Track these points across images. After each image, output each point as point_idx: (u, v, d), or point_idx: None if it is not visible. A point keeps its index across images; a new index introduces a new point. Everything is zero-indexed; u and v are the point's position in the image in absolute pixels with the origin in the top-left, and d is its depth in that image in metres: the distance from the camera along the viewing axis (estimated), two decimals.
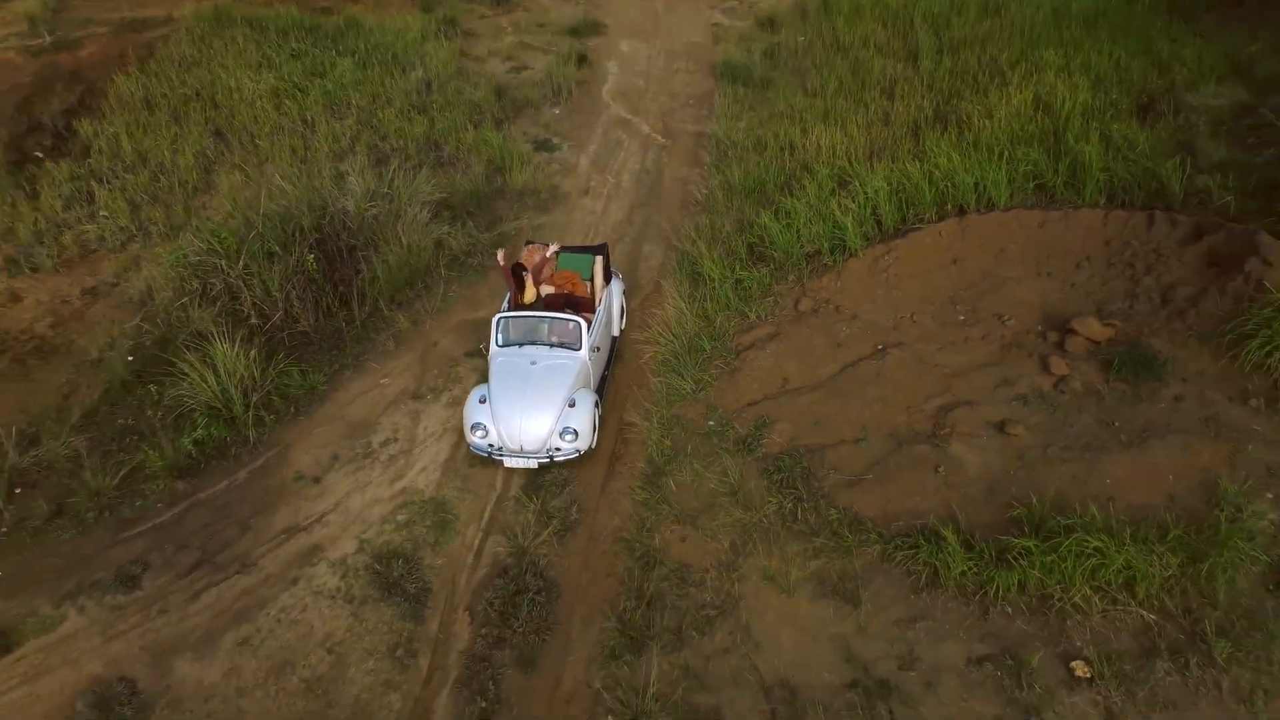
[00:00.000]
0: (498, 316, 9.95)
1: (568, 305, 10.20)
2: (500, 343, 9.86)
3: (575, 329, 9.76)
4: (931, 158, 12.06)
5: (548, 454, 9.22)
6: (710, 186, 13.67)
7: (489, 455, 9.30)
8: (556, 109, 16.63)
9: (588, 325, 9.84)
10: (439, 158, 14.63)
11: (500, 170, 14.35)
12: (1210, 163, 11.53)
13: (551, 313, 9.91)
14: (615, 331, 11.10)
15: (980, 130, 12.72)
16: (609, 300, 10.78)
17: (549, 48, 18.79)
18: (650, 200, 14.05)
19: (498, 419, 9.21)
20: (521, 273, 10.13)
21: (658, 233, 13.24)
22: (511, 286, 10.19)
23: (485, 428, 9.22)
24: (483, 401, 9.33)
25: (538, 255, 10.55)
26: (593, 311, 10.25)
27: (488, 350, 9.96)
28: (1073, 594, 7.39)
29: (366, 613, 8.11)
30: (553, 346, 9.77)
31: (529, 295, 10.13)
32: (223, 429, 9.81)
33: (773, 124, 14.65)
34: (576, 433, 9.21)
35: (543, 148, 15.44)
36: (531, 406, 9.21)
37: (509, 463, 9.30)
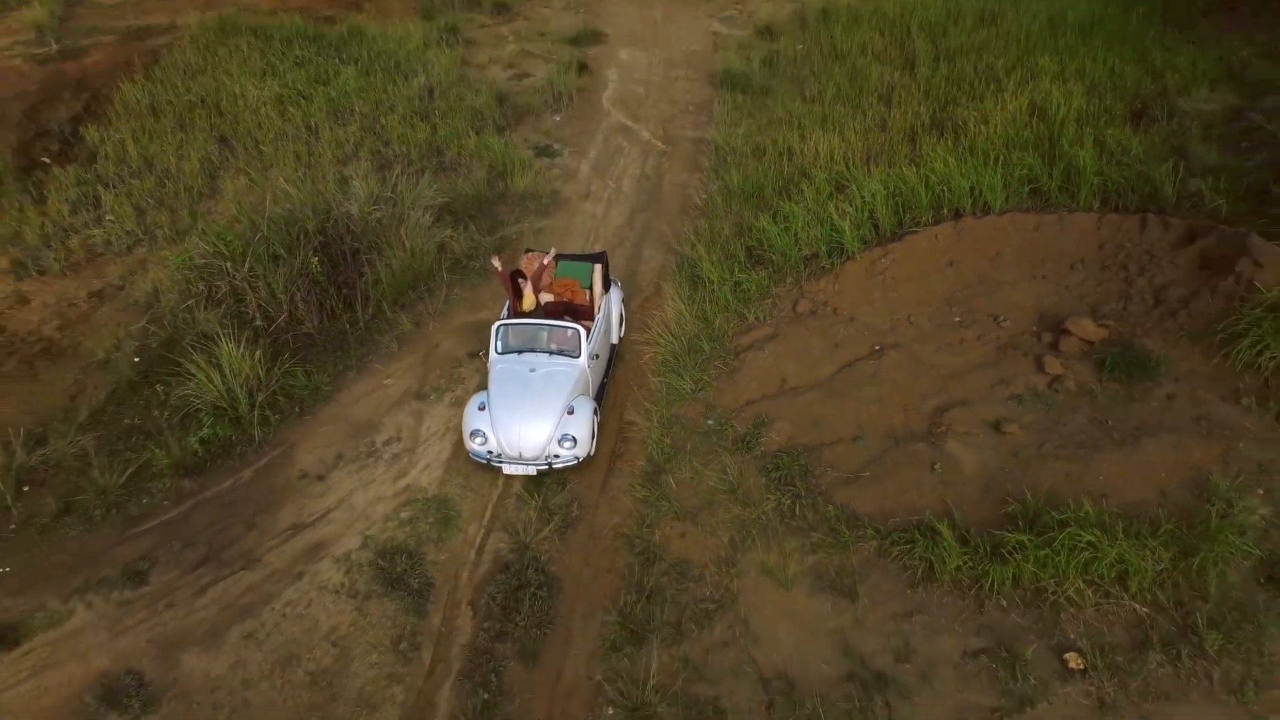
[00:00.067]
0: (497, 324, 9.98)
1: (567, 313, 10.27)
2: (499, 350, 9.90)
3: (574, 336, 9.81)
4: (928, 163, 12.21)
5: (546, 461, 9.29)
6: (709, 191, 13.81)
7: (488, 462, 9.38)
8: (557, 116, 16.78)
9: (587, 333, 9.89)
10: (441, 163, 14.76)
11: (502, 175, 14.47)
12: (1202, 167, 11.72)
13: (551, 320, 9.97)
14: (614, 339, 11.15)
15: (976, 136, 12.87)
16: (608, 308, 10.84)
17: (550, 56, 18.94)
18: (650, 205, 14.18)
19: (497, 426, 9.28)
20: (519, 280, 10.20)
21: (658, 236, 13.36)
22: (509, 293, 10.28)
23: (484, 434, 9.29)
24: (482, 408, 9.39)
25: (536, 263, 10.62)
26: (592, 319, 10.30)
27: (486, 357, 10.02)
28: (1066, 587, 7.50)
29: (370, 607, 8.22)
30: (552, 354, 9.81)
31: (528, 303, 10.21)
32: (228, 428, 9.93)
33: (771, 130, 14.80)
34: (575, 440, 9.27)
35: (544, 153, 15.57)
36: (530, 414, 9.27)
37: (508, 470, 9.38)
